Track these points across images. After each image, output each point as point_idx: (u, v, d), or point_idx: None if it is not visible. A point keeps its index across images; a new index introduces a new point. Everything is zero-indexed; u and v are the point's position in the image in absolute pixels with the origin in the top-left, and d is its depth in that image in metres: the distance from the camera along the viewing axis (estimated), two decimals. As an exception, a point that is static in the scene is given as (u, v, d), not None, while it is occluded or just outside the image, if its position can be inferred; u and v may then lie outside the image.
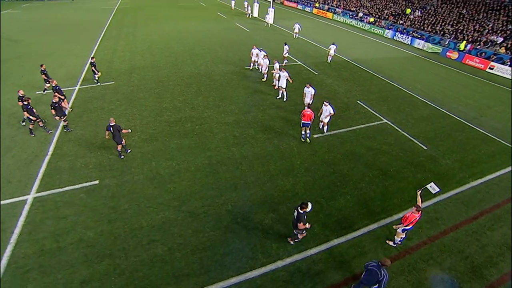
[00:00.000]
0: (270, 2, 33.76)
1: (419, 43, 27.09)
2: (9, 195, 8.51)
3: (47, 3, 43.59)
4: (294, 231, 6.87)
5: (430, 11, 31.67)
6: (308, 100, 12.82)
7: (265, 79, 16.74)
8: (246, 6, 38.13)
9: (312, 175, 9.72)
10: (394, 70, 20.32)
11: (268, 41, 25.61)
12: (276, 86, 15.92)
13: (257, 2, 37.39)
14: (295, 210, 6.59)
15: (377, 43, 28.34)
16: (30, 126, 11.20)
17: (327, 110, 11.33)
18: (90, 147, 10.69)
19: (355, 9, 38.76)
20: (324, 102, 11.49)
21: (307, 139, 11.49)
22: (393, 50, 26.01)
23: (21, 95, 11.03)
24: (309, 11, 43.87)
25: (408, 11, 32.65)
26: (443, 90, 17.60)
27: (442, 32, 27.33)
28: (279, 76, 14.74)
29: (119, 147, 9.90)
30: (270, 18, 32.27)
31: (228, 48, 22.76)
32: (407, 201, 8.98)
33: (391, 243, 7.54)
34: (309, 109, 10.99)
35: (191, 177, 9.43)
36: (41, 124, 11.19)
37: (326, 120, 11.59)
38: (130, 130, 10.27)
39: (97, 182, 9.12)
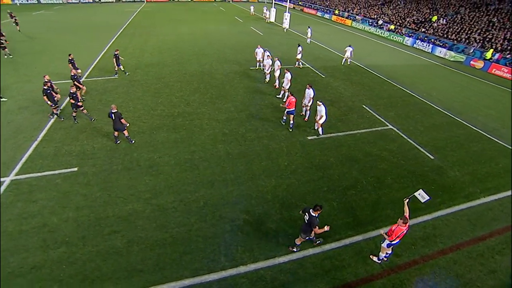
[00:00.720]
0: (286, 7, 33.52)
1: (440, 51, 25.49)
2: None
3: (78, 5, 46.35)
4: (302, 235, 6.21)
5: (456, 19, 29.91)
6: (306, 102, 12.13)
7: (267, 79, 16.25)
8: (265, 11, 38.29)
9: (297, 178, 8.97)
10: (409, 77, 19.08)
11: (280, 45, 25.26)
12: (277, 86, 15.42)
13: (274, 8, 37.38)
14: (305, 213, 6.02)
15: (395, 50, 27.05)
16: (55, 111, 11.60)
17: (320, 110, 10.59)
18: (78, 135, 10.66)
19: (375, 16, 37.62)
20: (318, 102, 10.76)
21: (291, 129, 11.54)
22: (411, 58, 24.63)
23: (46, 80, 11.36)
24: (328, 18, 43.24)
25: (434, 18, 31.06)
26: (463, 99, 16.16)
27: (467, 41, 25.57)
28: (280, 73, 14.16)
29: (116, 133, 9.94)
30: (286, 23, 32.03)
31: (237, 50, 22.62)
32: (401, 213, 7.95)
33: (375, 258, 6.62)
34: (293, 96, 11.07)
35: (169, 170, 9.03)
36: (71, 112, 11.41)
37: (320, 122, 10.82)
38: (128, 124, 10.12)
39: (76, 169, 8.98)
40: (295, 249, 6.60)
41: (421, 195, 6.20)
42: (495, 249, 7.25)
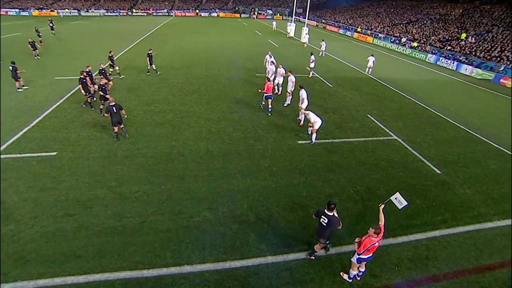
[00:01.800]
0: (304, 22, 33.62)
1: (466, 69, 23.75)
2: (-30, 154, 8.73)
3: (113, 17, 50.08)
4: (322, 240, 5.46)
5: (487, 37, 28.06)
6: (300, 103, 11.48)
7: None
8: (288, 25, 38.77)
9: (276, 181, 8.18)
10: (426, 91, 17.73)
11: (293, 56, 25.10)
12: (279, 93, 14.91)
13: (293, 23, 37.73)
14: (321, 216, 5.28)
15: (415, 66, 25.69)
16: (89, 100, 12.10)
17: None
18: (68, 124, 10.80)
19: (398, 34, 36.54)
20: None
21: (270, 114, 12.39)
22: (432, 74, 23.15)
23: (87, 70, 12.02)
24: (349, 35, 42.79)
25: (463, 36, 29.43)
26: (484, 115, 14.54)
27: (498, 59, 23.66)
28: (282, 80, 13.66)
29: (116, 129, 9.58)
30: (305, 38, 32.00)
31: (248, 58, 22.66)
32: (389, 229, 6.84)
33: (345, 276, 5.58)
34: (270, 82, 11.98)
35: (143, 162, 8.68)
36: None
37: (316, 127, 10.00)
38: (126, 116, 10.20)
39: (55, 153, 8.96)
40: (313, 257, 5.78)
41: (398, 200, 5.22)
42: (505, 283, 5.89)
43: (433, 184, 8.68)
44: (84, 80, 11.54)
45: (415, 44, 31.30)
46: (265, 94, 12.03)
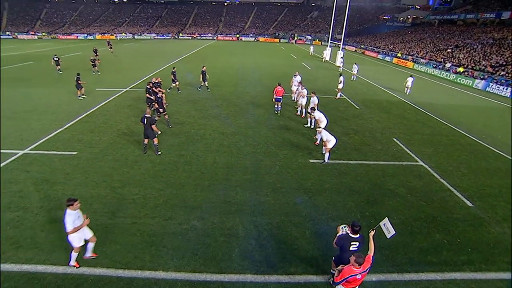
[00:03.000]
0: (340, 46, 33.45)
1: (522, 96, 21.08)
2: (9, 146, 9.98)
3: (161, 40, 55.42)
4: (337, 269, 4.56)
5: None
6: (310, 110, 11.20)
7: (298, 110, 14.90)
8: (325, 50, 38.97)
9: (276, 197, 7.75)
10: (467, 117, 15.97)
11: (324, 77, 24.91)
12: (303, 115, 14.22)
13: (330, 47, 37.79)
14: (347, 241, 4.63)
15: (459, 92, 23.56)
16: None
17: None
18: (94, 129, 11.76)
19: (442, 59, 34.31)
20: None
21: (279, 112, 14.40)
22: (479, 100, 20.93)
23: (153, 81, 13.36)
24: (388, 60, 41.40)
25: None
26: (541, 147, 12.47)
27: None
28: (306, 102, 13.43)
29: (146, 141, 9.56)
30: (339, 61, 31.75)
31: (277, 78, 22.77)
32: (397, 263, 5.94)
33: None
34: (280, 86, 13.65)
35: (150, 167, 8.95)
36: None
37: (329, 146, 9.46)
38: (160, 132, 10.76)
39: (75, 153, 9.72)
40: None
41: (386, 227, 4.50)
42: None
43: (460, 217, 7.46)
44: (151, 90, 12.53)
45: (461, 69, 28.98)
46: (275, 97, 13.87)
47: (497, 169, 10.18)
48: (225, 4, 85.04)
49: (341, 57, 31.41)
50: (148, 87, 12.93)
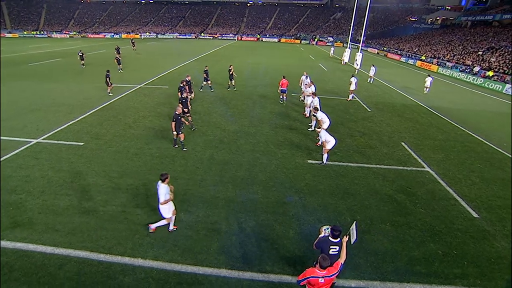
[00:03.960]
0: (358, 47, 32.50)
1: (557, 103, 19.33)
2: (25, 135, 10.68)
3: (183, 40, 56.90)
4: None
5: None
6: (318, 126, 10.85)
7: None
8: (344, 52, 38.08)
9: (266, 195, 7.68)
10: (488, 124, 14.91)
11: (338, 79, 24.34)
12: (308, 115, 14.17)
13: (349, 48, 36.86)
14: (326, 245, 4.48)
15: (486, 97, 22.06)
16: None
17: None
18: (104, 122, 12.31)
19: (471, 63, 32.30)
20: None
21: (284, 102, 15.87)
22: (506, 106, 19.46)
23: (188, 79, 13.76)
24: (412, 63, 39.68)
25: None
26: None
27: None
28: (312, 101, 13.17)
29: (182, 137, 9.79)
30: (357, 64, 30.91)
31: (289, 78, 22.71)
32: (381, 271, 5.68)
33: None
34: (285, 79, 15.06)
35: (148, 160, 9.22)
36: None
37: (327, 146, 9.22)
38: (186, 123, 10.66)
39: (82, 144, 10.23)
40: None
41: (352, 232, 4.28)
42: None
43: (462, 228, 6.99)
44: (183, 88, 12.76)
45: (490, 73, 27.13)
46: (280, 88, 15.28)
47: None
48: (248, 4, 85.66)
49: (357, 59, 30.52)
50: (181, 85, 12.84)
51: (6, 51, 36.23)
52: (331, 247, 4.49)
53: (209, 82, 17.38)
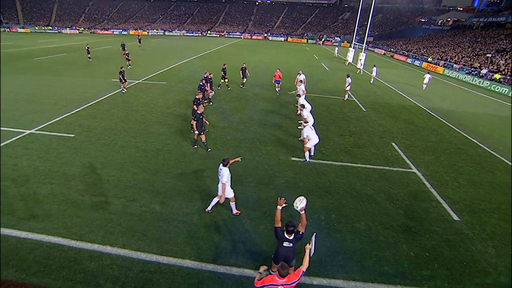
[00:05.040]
0: (362, 47, 32.14)
1: None
2: (20, 126, 10.98)
3: (189, 37, 57.26)
4: (292, 264, 4.67)
5: None
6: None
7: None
8: (348, 52, 37.73)
9: (242, 191, 7.68)
10: (486, 127, 14.56)
11: (339, 78, 24.13)
12: (299, 112, 14.20)
13: (353, 48, 36.49)
14: (282, 237, 4.50)
15: (490, 100, 21.53)
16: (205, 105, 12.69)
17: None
18: (97, 115, 12.53)
19: (479, 65, 31.53)
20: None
21: (277, 93, 17.46)
22: (507, 108, 18.97)
23: (207, 76, 13.95)
24: (418, 64, 38.99)
25: None
26: None
27: None
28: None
29: (204, 138, 9.62)
30: (360, 64, 30.59)
31: (288, 76, 22.65)
32: (343, 270, 5.65)
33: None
34: (279, 71, 16.80)
35: (133, 153, 9.35)
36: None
37: (307, 145, 9.13)
38: (208, 123, 10.31)
39: (72, 135, 10.46)
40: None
41: (313, 242, 4.22)
42: None
43: (439, 231, 6.87)
44: (203, 87, 12.85)
45: (497, 76, 26.44)
46: (274, 80, 16.98)
47: (503, 183, 9.20)
48: (257, 3, 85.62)
49: (360, 59, 30.19)
50: (201, 84, 12.75)
51: (15, 45, 37.24)
52: (284, 242, 4.48)
53: (226, 80, 17.44)
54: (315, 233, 4.41)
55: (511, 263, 5.81)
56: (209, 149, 9.74)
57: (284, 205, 4.65)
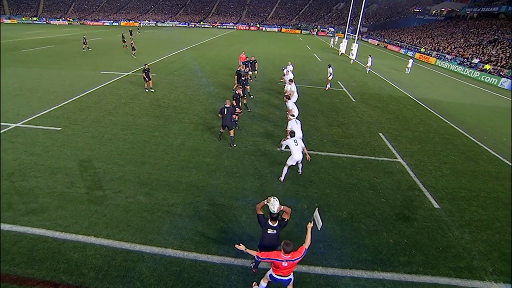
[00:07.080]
0: (355, 38, 31.99)
1: (550, 98, 19.03)
2: (5, 120, 10.88)
3: (181, 28, 56.31)
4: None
5: None
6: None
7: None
8: (342, 43, 37.54)
9: (227, 181, 7.78)
10: (474, 117, 14.79)
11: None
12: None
13: (346, 39, 36.31)
14: (265, 223, 4.61)
15: (478, 90, 21.77)
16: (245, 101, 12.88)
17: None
18: (85, 108, 12.40)
19: (469, 55, 31.70)
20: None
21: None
22: (500, 100, 19.22)
23: (238, 69, 14.19)
24: (411, 55, 38.97)
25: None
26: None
27: None
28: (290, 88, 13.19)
29: (232, 133, 9.41)
30: (353, 54, 30.50)
31: (278, 67, 22.59)
32: (322, 258, 5.81)
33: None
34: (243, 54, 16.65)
35: (120, 145, 9.34)
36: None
37: (289, 162, 9.05)
38: (237, 117, 10.20)
39: (59, 129, 10.38)
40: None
41: (317, 218, 4.36)
42: None
43: (419, 218, 7.07)
44: (245, 81, 13.01)
45: (487, 66, 26.65)
46: (240, 62, 17.14)
47: (485, 172, 9.43)
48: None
49: (352, 49, 30.10)
50: (242, 77, 13.00)
51: (1, 37, 36.22)
52: (268, 229, 4.61)
53: (255, 72, 17.51)
54: (317, 207, 4.52)
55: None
56: (234, 145, 9.62)
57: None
